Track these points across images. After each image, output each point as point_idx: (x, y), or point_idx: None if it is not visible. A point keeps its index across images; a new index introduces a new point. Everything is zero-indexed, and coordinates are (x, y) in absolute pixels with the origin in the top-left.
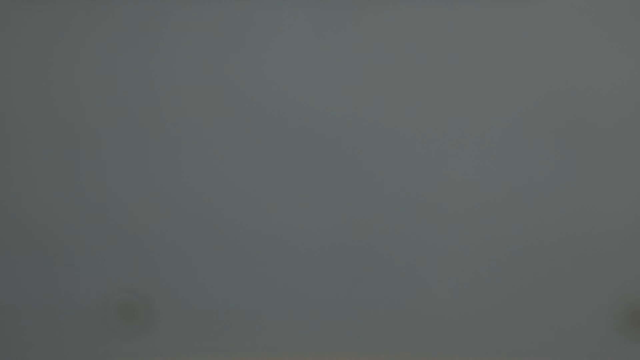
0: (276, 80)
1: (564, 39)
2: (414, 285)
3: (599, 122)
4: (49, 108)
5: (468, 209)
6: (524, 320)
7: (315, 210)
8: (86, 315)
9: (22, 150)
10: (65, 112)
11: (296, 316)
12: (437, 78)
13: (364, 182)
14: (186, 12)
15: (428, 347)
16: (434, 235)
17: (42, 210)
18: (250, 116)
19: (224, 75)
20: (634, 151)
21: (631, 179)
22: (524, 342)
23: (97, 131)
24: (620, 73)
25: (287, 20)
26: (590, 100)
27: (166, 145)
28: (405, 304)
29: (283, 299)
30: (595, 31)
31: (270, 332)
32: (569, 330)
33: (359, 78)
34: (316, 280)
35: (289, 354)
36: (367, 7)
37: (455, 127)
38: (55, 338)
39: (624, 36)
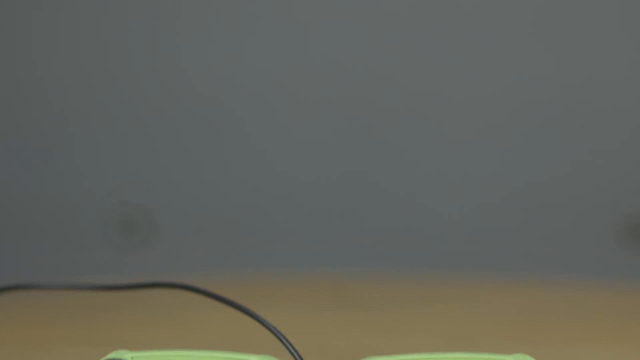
0: None
1: None
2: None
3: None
4: None
5: (470, 115)
6: (526, 233)
7: (320, 107)
8: (87, 230)
9: (24, 46)
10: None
11: (299, 231)
12: None
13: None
14: None
15: (430, 259)
16: (436, 127)
17: (45, 119)
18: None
19: None
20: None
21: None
22: (525, 254)
23: (100, 31)
24: None
25: None
26: None
27: (167, 46)
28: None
29: (285, 213)
30: None
31: (272, 247)
32: (571, 242)
33: None
34: (318, 195)
35: (290, 268)
36: None
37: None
38: (56, 252)
39: None
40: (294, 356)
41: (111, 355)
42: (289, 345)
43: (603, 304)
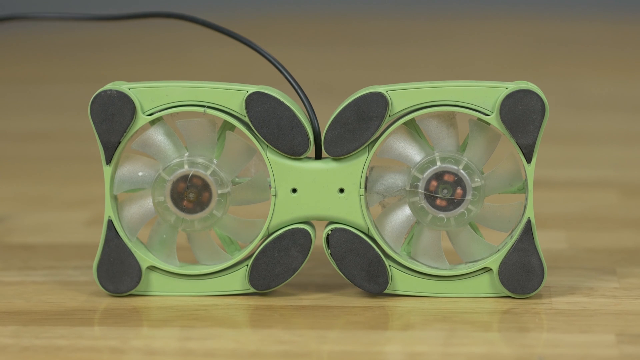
0: None
1: None
2: None
3: None
4: None
5: None
6: None
7: None
8: None
9: None
10: None
11: None
12: None
13: None
14: None
15: None
16: None
17: None
18: None
19: None
20: None
21: None
22: None
23: None
24: None
25: None
26: None
27: None
28: None
29: None
30: None
31: None
32: None
33: None
34: None
35: (292, 4)
36: None
37: None
38: None
39: None
40: (293, 86)
41: (108, 86)
42: (288, 76)
43: (604, 35)
